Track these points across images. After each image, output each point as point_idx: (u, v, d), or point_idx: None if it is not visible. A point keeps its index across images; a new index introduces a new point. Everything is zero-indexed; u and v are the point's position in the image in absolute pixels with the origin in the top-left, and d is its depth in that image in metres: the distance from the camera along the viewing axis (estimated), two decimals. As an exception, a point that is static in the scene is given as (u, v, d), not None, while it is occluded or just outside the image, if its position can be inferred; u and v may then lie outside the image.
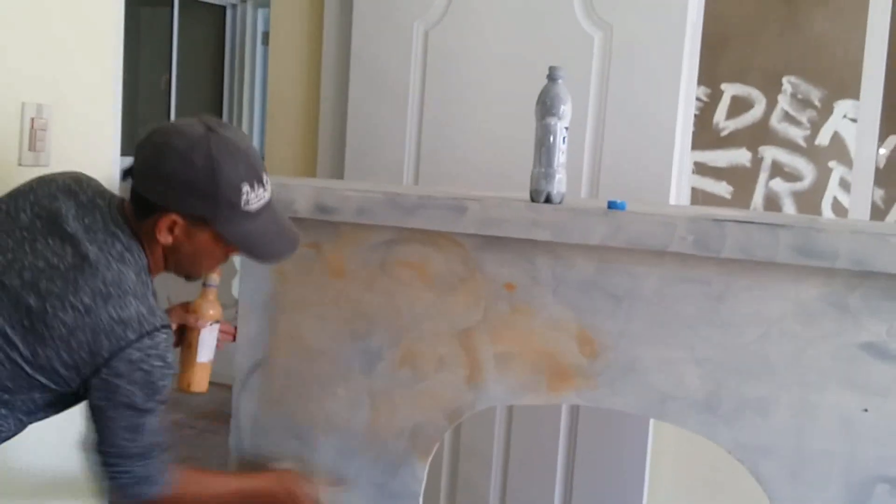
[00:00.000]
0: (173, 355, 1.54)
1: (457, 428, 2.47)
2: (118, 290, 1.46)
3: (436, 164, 2.52)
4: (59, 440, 1.79)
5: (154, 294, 1.56)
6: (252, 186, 1.50)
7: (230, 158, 1.48)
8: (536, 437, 2.48)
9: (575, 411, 2.43)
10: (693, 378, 1.68)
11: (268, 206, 1.55)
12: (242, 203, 1.49)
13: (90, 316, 1.44)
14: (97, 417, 1.51)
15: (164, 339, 1.50)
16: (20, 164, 1.84)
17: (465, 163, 2.47)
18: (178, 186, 1.48)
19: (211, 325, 1.76)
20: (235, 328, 1.88)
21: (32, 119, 1.84)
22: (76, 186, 1.56)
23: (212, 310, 1.77)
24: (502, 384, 1.79)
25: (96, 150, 2.00)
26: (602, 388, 1.73)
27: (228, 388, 1.96)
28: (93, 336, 1.44)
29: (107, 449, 1.53)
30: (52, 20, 1.87)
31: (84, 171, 1.62)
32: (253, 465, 1.96)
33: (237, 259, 1.78)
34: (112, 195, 1.58)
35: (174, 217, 1.50)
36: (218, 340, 1.80)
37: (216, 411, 3.85)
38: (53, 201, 1.52)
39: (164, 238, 1.52)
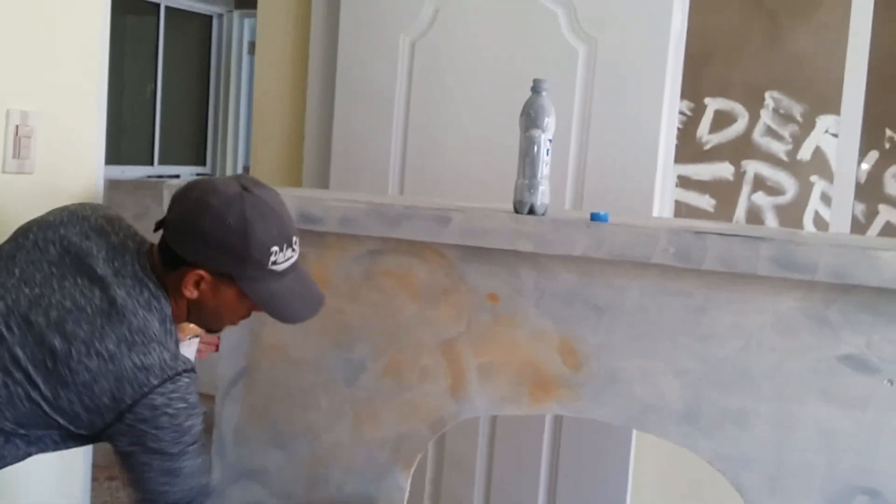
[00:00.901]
0: (196, 397, 1.52)
1: (440, 438, 2.47)
2: (143, 337, 1.47)
3: (421, 175, 2.53)
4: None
5: (177, 343, 1.57)
6: (282, 248, 1.51)
7: (262, 220, 1.49)
8: (520, 446, 2.49)
9: (558, 421, 2.44)
10: (674, 389, 1.69)
11: (294, 267, 1.56)
12: (270, 263, 1.50)
13: (114, 363, 1.44)
14: (130, 466, 1.50)
15: (187, 382, 1.50)
16: (4, 172, 1.84)
17: (450, 173, 2.48)
18: (210, 244, 1.48)
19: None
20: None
21: (17, 126, 1.84)
22: (109, 227, 1.56)
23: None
24: (485, 395, 1.80)
25: (81, 159, 2.00)
26: (584, 399, 1.74)
27: (212, 398, 1.96)
28: (116, 382, 1.44)
29: (148, 497, 1.52)
30: (37, 28, 1.87)
31: (69, 180, 1.62)
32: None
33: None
34: (143, 240, 1.59)
35: (202, 273, 1.51)
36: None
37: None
38: (85, 239, 1.53)
39: (190, 292, 1.53)
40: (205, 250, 1.49)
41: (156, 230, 1.57)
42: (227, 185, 1.51)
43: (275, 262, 1.50)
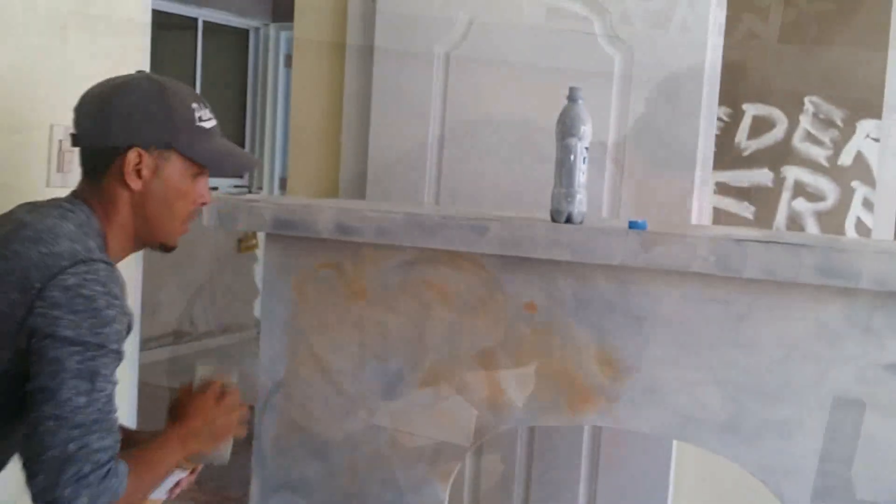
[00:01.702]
0: (120, 289, 1.41)
1: (478, 449, 2.47)
2: (50, 234, 1.38)
3: (457, 185, 2.53)
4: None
5: (101, 249, 1.44)
6: (200, 105, 1.52)
7: (171, 82, 1.50)
8: (558, 458, 2.47)
9: (597, 432, 2.42)
10: (715, 399, 1.67)
11: (216, 129, 1.56)
12: (197, 119, 1.50)
13: (19, 258, 1.35)
14: (40, 370, 1.32)
15: (105, 268, 1.38)
16: (48, 186, 1.87)
17: (487, 183, 2.48)
18: (134, 116, 1.45)
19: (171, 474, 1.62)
20: (194, 470, 1.71)
21: (60, 141, 1.87)
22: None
23: None
24: (523, 405, 1.79)
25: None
26: (623, 410, 1.73)
27: (251, 408, 1.97)
28: (22, 273, 1.34)
29: (56, 413, 1.29)
30: (81, 44, 1.90)
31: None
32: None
33: (259, 280, 1.79)
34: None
35: (137, 152, 1.45)
36: (176, 485, 1.67)
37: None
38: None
39: (134, 182, 1.45)
40: (130, 126, 1.45)
41: (73, 145, 1.51)
42: (122, 76, 1.50)
43: (201, 119, 1.50)
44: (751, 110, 2.60)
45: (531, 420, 1.84)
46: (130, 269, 1.89)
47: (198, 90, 5.94)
